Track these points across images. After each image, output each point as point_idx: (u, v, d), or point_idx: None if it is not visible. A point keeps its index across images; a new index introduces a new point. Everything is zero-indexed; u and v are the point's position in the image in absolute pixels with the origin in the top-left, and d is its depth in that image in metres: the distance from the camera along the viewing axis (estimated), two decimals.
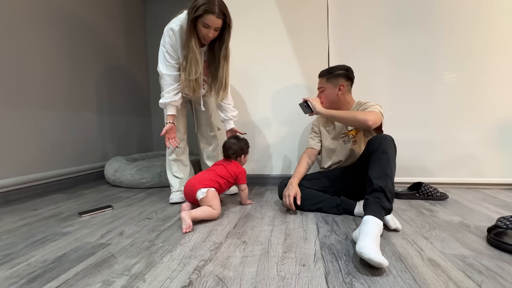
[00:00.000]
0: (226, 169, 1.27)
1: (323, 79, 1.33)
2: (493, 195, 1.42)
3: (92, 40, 2.11)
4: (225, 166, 1.28)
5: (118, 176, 1.80)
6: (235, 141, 1.35)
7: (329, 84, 1.30)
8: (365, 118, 1.11)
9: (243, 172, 1.31)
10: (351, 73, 1.31)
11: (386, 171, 0.93)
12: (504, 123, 1.52)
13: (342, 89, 1.28)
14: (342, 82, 1.28)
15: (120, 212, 1.27)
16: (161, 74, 1.30)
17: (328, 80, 1.30)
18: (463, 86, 1.56)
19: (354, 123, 1.17)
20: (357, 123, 1.14)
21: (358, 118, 1.13)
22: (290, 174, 1.71)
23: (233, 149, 1.33)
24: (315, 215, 1.16)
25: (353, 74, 1.31)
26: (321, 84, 1.33)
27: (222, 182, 1.23)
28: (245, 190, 1.32)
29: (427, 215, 1.12)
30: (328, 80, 1.30)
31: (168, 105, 1.30)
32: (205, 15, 1.12)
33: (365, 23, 1.64)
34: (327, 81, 1.31)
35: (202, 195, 1.13)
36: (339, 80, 1.28)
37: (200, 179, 1.19)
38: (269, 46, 1.71)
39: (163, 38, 1.27)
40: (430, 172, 1.62)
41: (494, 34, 1.50)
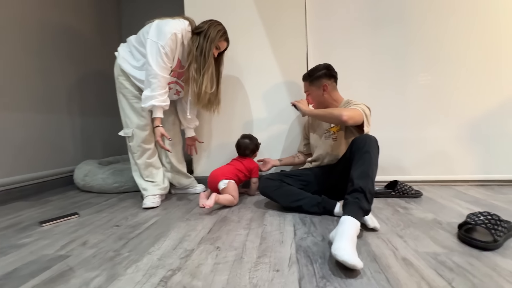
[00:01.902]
0: (243, 165, 1.45)
1: (306, 83, 1.37)
2: (464, 191, 1.47)
3: (63, 39, 1.97)
4: (242, 162, 1.47)
5: (88, 180, 1.69)
6: (249, 141, 1.50)
7: (312, 87, 1.33)
8: (340, 113, 1.12)
9: (256, 167, 1.50)
10: (332, 70, 1.32)
11: (367, 171, 0.93)
12: (473, 122, 1.58)
13: (326, 89, 1.29)
14: (325, 82, 1.29)
15: (87, 219, 1.19)
16: (155, 74, 1.24)
17: (311, 83, 1.33)
18: (435, 85, 1.61)
19: (330, 119, 1.19)
20: (333, 118, 1.16)
21: (333, 113, 1.15)
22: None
23: (250, 148, 1.50)
24: (293, 216, 1.13)
25: (334, 71, 1.32)
26: (306, 88, 1.38)
27: (241, 176, 1.42)
28: (256, 183, 1.48)
29: (402, 213, 1.14)
30: (311, 83, 1.33)
31: (158, 108, 1.27)
32: (222, 40, 1.36)
33: (343, 21, 1.65)
34: (310, 85, 1.34)
35: (224, 186, 1.31)
36: (321, 81, 1.30)
37: (224, 171, 1.38)
38: (244, 44, 1.67)
39: (162, 38, 1.23)
40: (405, 170, 1.66)
41: (463, 36, 1.57)
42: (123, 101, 1.40)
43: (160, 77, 1.25)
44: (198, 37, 1.32)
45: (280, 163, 1.56)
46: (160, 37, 1.24)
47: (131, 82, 1.38)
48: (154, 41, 1.24)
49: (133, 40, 1.39)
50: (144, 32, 1.33)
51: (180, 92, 1.50)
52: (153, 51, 1.24)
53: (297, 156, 1.58)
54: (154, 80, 1.25)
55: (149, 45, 1.25)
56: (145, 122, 1.41)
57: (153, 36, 1.25)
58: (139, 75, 1.33)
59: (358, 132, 1.24)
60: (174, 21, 1.29)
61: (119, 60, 1.37)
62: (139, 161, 1.42)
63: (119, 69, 1.38)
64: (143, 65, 1.33)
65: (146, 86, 1.27)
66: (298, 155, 1.58)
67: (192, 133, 1.63)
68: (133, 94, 1.38)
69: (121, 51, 1.41)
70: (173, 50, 1.28)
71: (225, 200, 1.27)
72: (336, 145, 1.29)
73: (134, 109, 1.39)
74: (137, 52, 1.37)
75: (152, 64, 1.24)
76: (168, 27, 1.25)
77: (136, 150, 1.41)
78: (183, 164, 1.60)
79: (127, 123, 1.40)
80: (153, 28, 1.27)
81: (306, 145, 1.54)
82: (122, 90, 1.39)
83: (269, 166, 1.54)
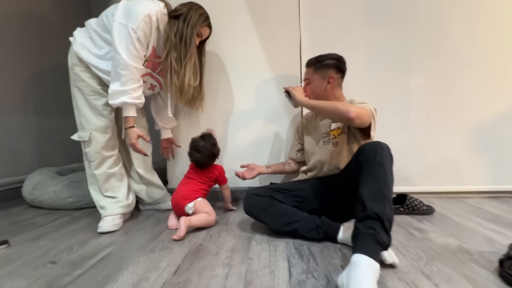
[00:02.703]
0: (204, 175, 1.20)
1: (310, 68, 1.12)
2: (477, 205, 1.29)
3: (14, 23, 1.66)
4: (202, 172, 1.20)
5: (37, 194, 1.38)
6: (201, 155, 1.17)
7: (316, 75, 1.10)
8: (347, 109, 0.90)
9: (221, 171, 1.24)
10: (343, 63, 1.11)
11: (383, 190, 0.71)
12: (482, 127, 1.42)
13: (331, 82, 1.08)
14: (332, 74, 1.08)
15: (17, 250, 0.90)
16: (125, 64, 1.00)
17: (316, 70, 1.10)
18: (441, 87, 1.43)
19: (333, 114, 0.96)
20: (336, 113, 0.93)
21: (338, 107, 0.92)
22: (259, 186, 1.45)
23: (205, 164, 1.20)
24: (286, 243, 0.90)
25: (345, 65, 1.12)
26: (308, 75, 1.13)
27: (206, 187, 1.19)
28: (228, 189, 1.26)
29: (419, 237, 0.93)
30: (316, 71, 1.10)
31: (131, 106, 1.05)
32: (204, 25, 1.16)
33: (338, 14, 1.45)
34: (314, 72, 1.11)
35: (191, 210, 1.08)
36: (328, 71, 1.08)
37: (184, 194, 1.12)
38: (233, 37, 1.44)
39: (133, 20, 1.00)
40: (410, 180, 1.47)
41: (475, 36, 1.40)
42: (78, 97, 1.13)
43: (132, 68, 1.02)
44: (177, 21, 1.10)
45: (268, 170, 1.30)
46: (130, 19, 1.00)
47: (91, 74, 1.12)
48: (122, 24, 1.00)
49: (94, 24, 1.13)
50: (109, 14, 1.08)
51: (155, 86, 1.26)
52: (122, 36, 1.00)
53: (288, 163, 1.33)
54: (125, 71, 1.01)
55: (116, 29, 1.00)
56: (106, 123, 1.15)
57: (121, 18, 1.01)
58: (104, 65, 1.08)
59: (363, 137, 1.04)
60: (146, 1, 1.06)
61: (76, 47, 1.11)
62: (98, 172, 1.15)
63: (76, 57, 1.12)
64: (107, 54, 1.08)
65: (114, 79, 1.03)
66: (289, 162, 1.33)
67: (169, 134, 1.41)
68: (92, 89, 1.12)
69: (78, 36, 1.14)
70: (147, 35, 1.06)
71: (199, 221, 1.04)
72: (336, 151, 1.07)
73: (93, 107, 1.13)
74: (99, 38, 1.11)
75: (121, 52, 1.00)
76: (139, 7, 1.02)
77: (94, 158, 1.14)
78: (153, 173, 1.34)
79: (83, 125, 1.13)
80: (120, 8, 1.03)
81: (299, 151, 1.30)
82: (78, 83, 1.12)
83: (255, 174, 1.26)
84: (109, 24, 1.06)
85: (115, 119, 1.21)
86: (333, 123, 1.10)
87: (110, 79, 1.05)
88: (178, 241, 0.94)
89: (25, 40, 1.75)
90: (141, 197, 1.32)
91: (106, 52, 1.09)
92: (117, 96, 1.03)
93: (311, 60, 1.14)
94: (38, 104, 1.84)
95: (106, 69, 1.07)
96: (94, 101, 1.13)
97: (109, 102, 1.05)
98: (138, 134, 1.08)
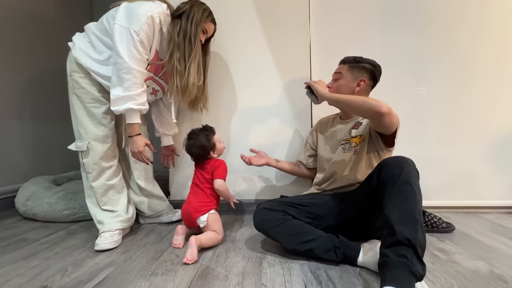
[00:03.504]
0: (203, 176, 1.07)
1: (345, 65, 1.07)
2: (497, 221, 1.23)
3: (14, 26, 1.61)
4: (202, 173, 1.08)
5: (30, 206, 1.30)
6: (192, 142, 1.08)
7: (349, 73, 1.05)
8: (379, 103, 0.84)
9: (219, 166, 1.07)
10: (379, 73, 1.06)
11: (413, 213, 0.65)
12: (500, 138, 1.37)
13: (361, 85, 1.03)
14: (365, 78, 1.03)
15: (5, 272, 0.82)
16: (128, 68, 0.95)
17: (350, 68, 1.05)
18: (456, 96, 1.39)
19: (363, 108, 0.87)
20: (368, 107, 0.86)
21: (370, 101, 0.86)
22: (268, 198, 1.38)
23: (194, 154, 1.09)
24: (301, 267, 0.83)
25: (380, 74, 1.07)
26: (341, 69, 1.08)
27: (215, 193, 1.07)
28: (223, 186, 1.05)
29: (444, 260, 0.86)
30: (350, 69, 1.05)
31: (136, 112, 1.00)
32: (209, 21, 1.12)
33: (349, 18, 1.41)
34: (348, 69, 1.05)
35: (203, 224, 1.01)
36: (362, 74, 1.03)
37: (195, 206, 1.02)
38: (240, 38, 1.39)
39: (135, 22, 0.95)
40: (424, 194, 1.36)
41: (494, 43, 1.36)
42: (76, 105, 1.07)
43: (136, 72, 0.97)
44: (179, 20, 1.05)
45: (276, 164, 1.22)
46: (132, 21, 0.96)
47: (90, 81, 1.06)
48: (124, 27, 0.95)
49: (94, 28, 1.08)
50: (109, 17, 1.03)
51: (157, 91, 1.20)
52: (124, 39, 0.95)
53: (298, 165, 1.26)
54: (128, 75, 0.95)
55: (117, 31, 0.95)
56: (105, 132, 1.08)
57: (122, 20, 0.96)
58: (105, 71, 1.02)
59: (385, 146, 0.97)
60: (148, 3, 1.01)
61: (75, 52, 1.05)
62: (95, 184, 1.08)
63: (75, 63, 1.06)
64: (108, 59, 1.03)
65: (116, 84, 0.97)
66: (299, 164, 1.25)
67: (170, 141, 1.35)
68: (92, 97, 1.06)
69: (77, 41, 1.09)
70: (150, 38, 1.01)
71: (209, 240, 0.97)
72: (356, 160, 1.01)
73: (92, 115, 1.06)
74: (100, 43, 1.05)
75: (124, 56, 0.94)
76: (141, 9, 0.97)
77: (92, 169, 1.07)
78: (154, 184, 1.27)
79: (81, 134, 1.07)
80: (121, 11, 0.98)
81: (310, 156, 1.22)
82: (77, 90, 1.06)
83: (263, 162, 1.19)
84: (109, 28, 1.01)
85: (115, 128, 1.14)
86: (354, 130, 1.04)
87: (110, 84, 0.99)
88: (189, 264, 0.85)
89: (22, 43, 1.70)
90: (142, 209, 1.25)
91: (106, 57, 1.03)
92: (121, 102, 0.97)
93: (348, 58, 1.09)
94: (35, 110, 1.78)
95: (107, 75, 1.02)
96: (94, 109, 1.06)
97: (112, 108, 0.98)
98: (146, 142, 1.04)
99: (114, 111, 0.98)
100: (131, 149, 1.05)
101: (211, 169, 1.07)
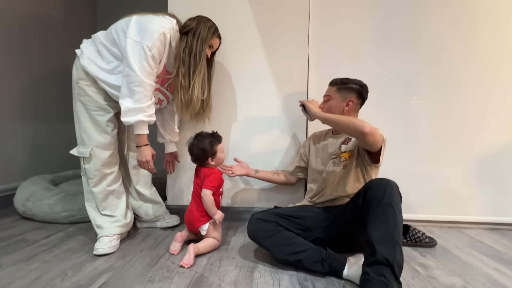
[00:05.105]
0: (198, 184, 1.10)
1: (333, 87, 1.14)
2: (477, 238, 1.30)
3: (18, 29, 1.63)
4: (197, 180, 1.12)
5: (30, 207, 1.33)
6: (196, 142, 1.11)
7: (338, 95, 1.12)
8: (362, 123, 0.91)
9: (210, 175, 1.08)
10: (366, 91, 1.13)
11: (393, 234, 0.70)
12: (485, 158, 1.44)
13: (350, 105, 1.10)
14: (352, 98, 1.10)
15: (7, 274, 0.86)
16: (141, 81, 0.99)
17: (338, 90, 1.12)
18: (446, 116, 1.45)
19: (349, 128, 0.96)
20: (352, 127, 0.94)
21: (354, 122, 0.94)
22: (262, 207, 1.43)
23: (194, 154, 1.12)
24: (290, 278, 0.88)
25: (367, 93, 1.14)
26: (330, 92, 1.15)
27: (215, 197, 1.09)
28: (207, 196, 1.05)
29: (423, 275, 0.92)
30: (339, 91, 1.12)
31: (145, 123, 1.05)
32: (214, 37, 1.17)
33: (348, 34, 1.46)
34: (337, 91, 1.12)
35: (205, 232, 1.07)
36: (350, 95, 1.10)
37: (196, 216, 1.07)
38: (243, 53, 1.44)
39: (148, 38, 0.99)
40: (411, 208, 1.47)
41: (480, 68, 1.42)
42: (81, 112, 1.11)
43: (147, 85, 1.01)
44: (186, 37, 1.11)
45: (256, 175, 1.30)
46: (144, 36, 1.00)
47: (96, 89, 1.10)
48: (136, 41, 0.99)
49: (102, 38, 1.11)
50: (119, 29, 1.06)
51: (162, 101, 1.25)
52: (136, 53, 0.99)
53: (278, 173, 1.32)
54: (140, 88, 1.00)
55: (130, 45, 0.99)
56: (108, 140, 1.12)
57: (135, 34, 1.00)
58: (112, 79, 1.06)
59: (371, 162, 1.03)
60: (159, 18, 1.06)
61: (83, 61, 1.09)
62: (96, 189, 1.12)
63: (82, 71, 1.09)
64: (115, 68, 1.07)
65: (126, 95, 1.01)
66: (279, 173, 1.33)
67: (174, 148, 1.40)
68: (97, 105, 1.10)
69: (85, 49, 1.12)
70: (161, 53, 1.07)
71: (208, 247, 1.04)
72: (345, 174, 1.08)
73: (96, 123, 1.10)
74: (108, 53, 1.09)
75: (136, 69, 0.99)
76: (154, 25, 1.02)
77: (93, 175, 1.11)
78: (151, 190, 1.31)
79: (84, 140, 1.10)
80: (133, 25, 1.02)
81: (299, 167, 1.29)
82: (83, 97, 1.10)
83: (243, 173, 1.27)
84: (118, 39, 1.05)
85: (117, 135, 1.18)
86: (343, 145, 1.10)
87: (118, 94, 1.03)
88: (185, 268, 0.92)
89: (25, 45, 1.72)
90: (139, 214, 1.29)
91: (114, 66, 1.07)
92: (132, 114, 1.01)
93: (336, 80, 1.16)
94: (35, 110, 1.80)
95: (114, 84, 1.06)
96: (98, 117, 1.10)
97: (123, 119, 1.02)
98: (152, 153, 1.09)
99: (124, 122, 1.02)
100: (139, 158, 1.09)
101: (203, 176, 1.09)
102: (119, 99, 1.02)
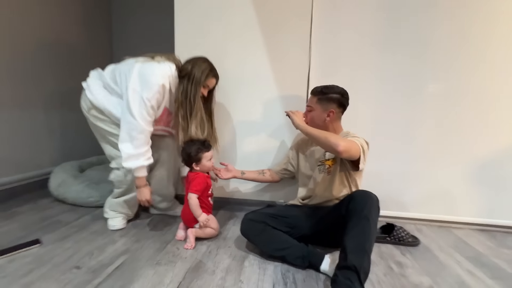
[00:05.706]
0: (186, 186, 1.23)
1: (314, 98, 1.18)
2: (464, 239, 1.36)
3: (42, 24, 1.77)
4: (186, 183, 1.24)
5: (61, 191, 1.56)
6: (185, 146, 1.21)
7: (318, 106, 1.16)
8: (336, 142, 0.95)
9: (194, 179, 1.19)
10: (346, 100, 1.17)
11: (364, 245, 0.81)
12: (480, 161, 1.44)
13: (331, 116, 1.15)
14: (333, 109, 1.14)
15: (47, 251, 1.07)
16: (142, 129, 1.10)
17: (319, 101, 1.16)
18: (445, 119, 1.45)
19: (325, 145, 1.02)
20: (327, 144, 0.99)
21: (330, 140, 0.98)
22: (261, 199, 1.57)
23: (182, 157, 1.25)
24: (275, 267, 1.02)
25: (348, 101, 1.18)
26: (311, 103, 1.19)
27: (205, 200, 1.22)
28: (190, 200, 1.15)
29: (396, 272, 1.02)
30: (319, 102, 1.16)
31: (145, 167, 1.15)
32: (209, 79, 1.21)
33: (350, 39, 1.46)
34: (317, 102, 1.16)
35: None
36: (330, 105, 1.14)
37: (188, 217, 1.20)
38: (242, 55, 1.49)
39: (147, 90, 1.08)
40: (404, 206, 1.54)
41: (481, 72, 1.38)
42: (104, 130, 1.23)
43: (148, 132, 1.13)
44: (183, 81, 1.17)
45: (243, 176, 1.38)
46: (144, 88, 1.09)
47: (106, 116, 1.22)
48: (137, 91, 1.09)
49: (107, 76, 1.22)
50: (122, 73, 1.16)
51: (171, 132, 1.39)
52: (136, 103, 1.09)
53: (264, 173, 1.41)
54: (141, 135, 1.11)
55: (131, 94, 1.09)
56: None
57: (136, 85, 1.09)
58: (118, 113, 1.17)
59: (352, 168, 1.11)
60: (160, 67, 1.13)
61: (90, 95, 1.20)
62: (116, 200, 1.29)
63: (90, 103, 1.21)
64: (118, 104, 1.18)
65: (125, 140, 1.10)
66: (265, 172, 1.41)
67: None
68: (113, 123, 1.22)
69: (92, 84, 1.23)
70: (160, 102, 1.16)
71: (205, 234, 1.21)
72: (330, 179, 1.16)
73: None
74: (111, 89, 1.21)
75: (137, 118, 1.09)
76: (154, 76, 1.10)
77: (121, 186, 1.26)
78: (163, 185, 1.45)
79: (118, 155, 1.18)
80: (135, 75, 1.10)
81: (286, 169, 1.37)
82: (99, 121, 1.23)
83: (230, 176, 1.35)
84: (120, 82, 1.15)
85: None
86: (327, 153, 1.17)
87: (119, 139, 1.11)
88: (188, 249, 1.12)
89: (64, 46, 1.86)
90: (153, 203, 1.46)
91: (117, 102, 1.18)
92: (133, 159, 1.10)
93: (316, 90, 1.18)
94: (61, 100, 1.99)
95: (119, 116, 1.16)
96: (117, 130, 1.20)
97: (124, 165, 1.11)
98: (150, 191, 1.20)
99: (126, 167, 1.12)
100: (139, 197, 1.19)
101: (190, 181, 1.20)
102: (118, 143, 1.11)
